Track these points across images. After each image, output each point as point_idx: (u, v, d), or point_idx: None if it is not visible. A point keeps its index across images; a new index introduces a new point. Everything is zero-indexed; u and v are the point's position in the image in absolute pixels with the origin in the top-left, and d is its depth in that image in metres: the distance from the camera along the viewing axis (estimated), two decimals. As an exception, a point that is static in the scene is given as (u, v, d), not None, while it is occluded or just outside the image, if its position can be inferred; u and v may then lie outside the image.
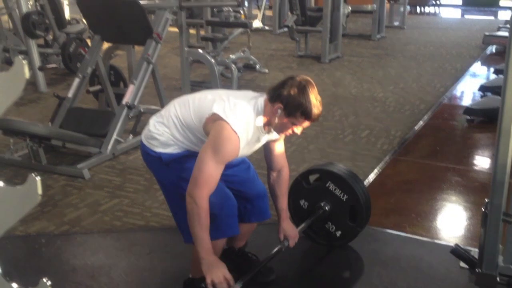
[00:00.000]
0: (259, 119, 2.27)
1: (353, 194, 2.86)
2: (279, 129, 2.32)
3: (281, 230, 2.62)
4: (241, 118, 2.20)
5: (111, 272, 2.82)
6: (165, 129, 2.35)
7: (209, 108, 2.24)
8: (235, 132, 2.16)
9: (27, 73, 1.09)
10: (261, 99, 2.31)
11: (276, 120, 2.26)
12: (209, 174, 2.16)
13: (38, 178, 1.15)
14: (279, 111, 2.23)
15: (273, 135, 2.43)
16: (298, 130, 2.30)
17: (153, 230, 3.26)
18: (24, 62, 1.09)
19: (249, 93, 2.39)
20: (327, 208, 2.91)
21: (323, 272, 2.94)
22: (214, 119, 2.20)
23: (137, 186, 3.82)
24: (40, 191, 1.15)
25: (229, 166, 2.34)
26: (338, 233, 2.94)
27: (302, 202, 3.01)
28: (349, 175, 2.94)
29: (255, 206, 2.56)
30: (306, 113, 2.22)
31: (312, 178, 3.04)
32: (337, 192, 2.89)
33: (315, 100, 2.23)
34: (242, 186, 2.50)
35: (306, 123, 2.28)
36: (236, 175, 2.49)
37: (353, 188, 2.86)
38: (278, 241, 2.63)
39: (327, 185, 2.92)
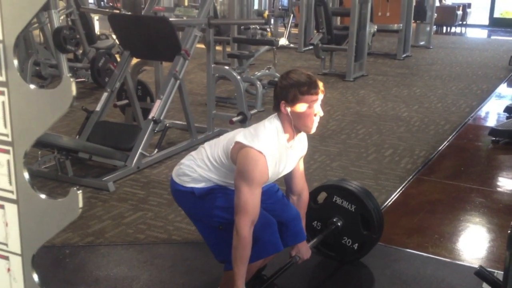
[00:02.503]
0: (279, 129, 2.29)
1: (359, 202, 2.88)
2: (303, 123, 2.29)
3: (295, 248, 2.61)
4: (263, 138, 2.23)
5: (133, 284, 2.86)
6: (197, 169, 2.39)
7: (232, 140, 2.29)
8: (260, 152, 2.19)
9: (74, 91, 1.10)
10: (275, 117, 2.34)
11: (292, 119, 2.27)
12: (246, 200, 2.19)
13: (79, 192, 1.17)
14: (287, 108, 2.25)
15: (299, 149, 2.45)
16: (316, 107, 2.27)
17: (176, 243, 3.29)
18: (72, 80, 1.10)
19: (266, 119, 2.41)
20: (339, 224, 2.93)
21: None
22: (239, 148, 2.23)
23: (161, 200, 3.87)
24: (81, 204, 1.17)
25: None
26: (356, 246, 2.94)
27: (314, 223, 3.03)
28: (351, 185, 2.96)
29: (290, 229, 2.53)
30: (305, 85, 2.22)
31: (321, 198, 3.06)
32: (345, 204, 2.92)
33: (300, 72, 2.26)
34: (276, 211, 2.49)
35: (315, 96, 2.25)
36: (268, 199, 2.47)
37: (358, 196, 2.88)
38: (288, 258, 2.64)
39: (333, 199, 2.95)
